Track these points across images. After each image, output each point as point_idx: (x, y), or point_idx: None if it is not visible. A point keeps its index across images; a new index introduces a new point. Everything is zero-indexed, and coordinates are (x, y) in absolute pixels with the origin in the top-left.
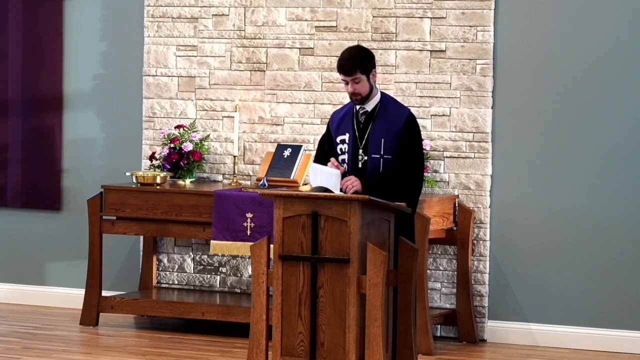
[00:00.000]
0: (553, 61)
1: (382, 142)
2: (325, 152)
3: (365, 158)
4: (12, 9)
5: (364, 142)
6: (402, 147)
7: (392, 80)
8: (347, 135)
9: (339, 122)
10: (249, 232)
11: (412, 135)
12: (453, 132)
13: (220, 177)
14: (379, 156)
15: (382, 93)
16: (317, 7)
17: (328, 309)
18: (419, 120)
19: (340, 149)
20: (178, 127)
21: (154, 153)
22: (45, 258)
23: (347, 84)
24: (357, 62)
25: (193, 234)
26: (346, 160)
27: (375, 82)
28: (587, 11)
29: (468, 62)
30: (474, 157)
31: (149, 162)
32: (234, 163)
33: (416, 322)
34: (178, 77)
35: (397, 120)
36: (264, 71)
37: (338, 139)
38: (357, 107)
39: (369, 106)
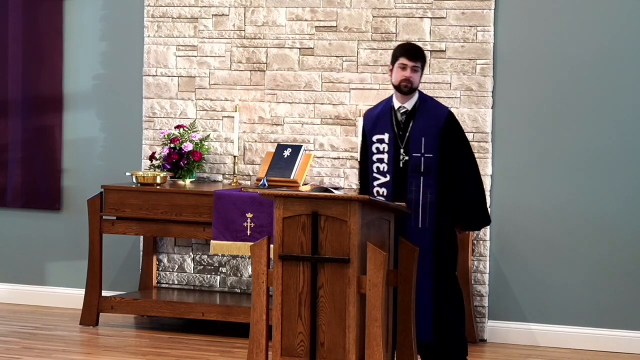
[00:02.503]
0: (553, 61)
1: (423, 141)
2: (364, 158)
3: (407, 158)
4: (12, 9)
5: (404, 141)
6: (447, 146)
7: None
8: (387, 135)
9: (374, 120)
10: (249, 232)
11: (456, 133)
12: None
13: (220, 177)
14: (419, 155)
15: (420, 92)
16: (317, 7)
17: (328, 309)
18: None
19: (377, 148)
20: (178, 127)
21: (154, 153)
22: (45, 258)
23: (403, 69)
24: (422, 54)
25: (193, 234)
26: (385, 160)
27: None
28: (587, 11)
29: (468, 62)
30: None
31: (149, 162)
32: (234, 163)
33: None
34: (178, 77)
35: (437, 119)
36: (264, 71)
37: (374, 138)
38: (397, 105)
39: (409, 104)
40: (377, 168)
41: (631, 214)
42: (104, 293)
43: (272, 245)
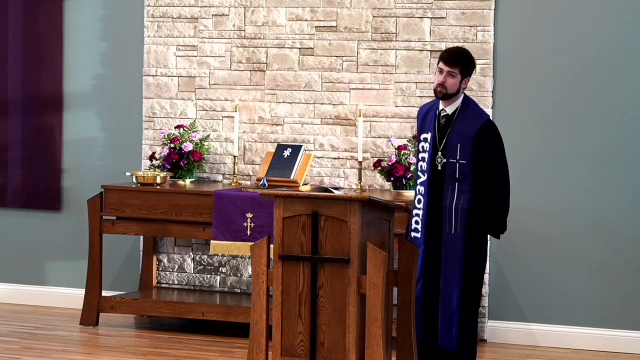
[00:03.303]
0: (553, 61)
1: (458, 147)
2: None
3: (444, 161)
4: (12, 9)
5: (442, 144)
6: (480, 154)
7: (392, 80)
8: (429, 134)
9: (423, 117)
10: (249, 232)
11: (489, 142)
12: None
13: (220, 177)
14: (455, 161)
15: (464, 98)
16: (317, 7)
17: (328, 309)
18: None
19: (422, 147)
20: (178, 127)
21: (154, 153)
22: (45, 258)
23: (440, 73)
24: (461, 59)
25: (193, 234)
26: (425, 159)
27: (463, 89)
28: (587, 11)
29: None
30: None
31: (149, 162)
32: (234, 163)
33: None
34: (178, 77)
35: (472, 126)
36: (264, 71)
37: (421, 137)
38: (440, 107)
39: (450, 109)
40: (420, 166)
41: (631, 214)
42: (104, 293)
43: (272, 245)
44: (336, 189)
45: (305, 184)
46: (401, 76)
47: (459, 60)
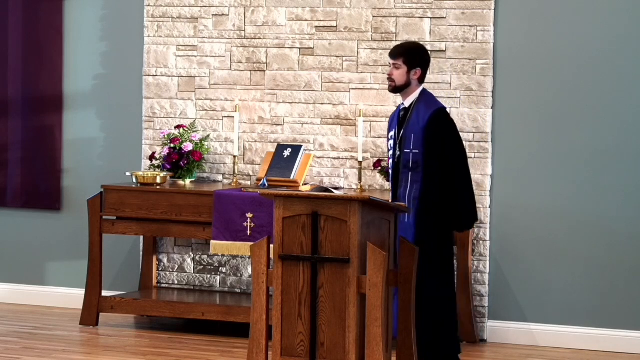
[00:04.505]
0: (553, 61)
1: (412, 137)
2: None
3: (399, 153)
4: (12, 9)
5: (400, 137)
6: (431, 143)
7: None
8: (394, 131)
9: (392, 118)
10: (249, 232)
11: (440, 131)
12: None
13: (220, 177)
14: (409, 151)
15: (422, 91)
16: (317, 7)
17: (328, 309)
18: None
19: (390, 144)
20: (178, 127)
21: (154, 153)
22: (45, 258)
23: (389, 67)
24: (405, 51)
25: (193, 234)
26: (390, 155)
27: (415, 80)
28: (587, 11)
29: (468, 62)
30: (474, 157)
31: (149, 162)
32: (234, 163)
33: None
34: (178, 77)
35: (424, 116)
36: (264, 71)
37: (389, 135)
38: (400, 102)
39: (407, 102)
40: (389, 163)
41: (631, 214)
42: (104, 293)
43: (272, 245)
44: (336, 189)
45: (305, 184)
46: None
47: (401, 52)
